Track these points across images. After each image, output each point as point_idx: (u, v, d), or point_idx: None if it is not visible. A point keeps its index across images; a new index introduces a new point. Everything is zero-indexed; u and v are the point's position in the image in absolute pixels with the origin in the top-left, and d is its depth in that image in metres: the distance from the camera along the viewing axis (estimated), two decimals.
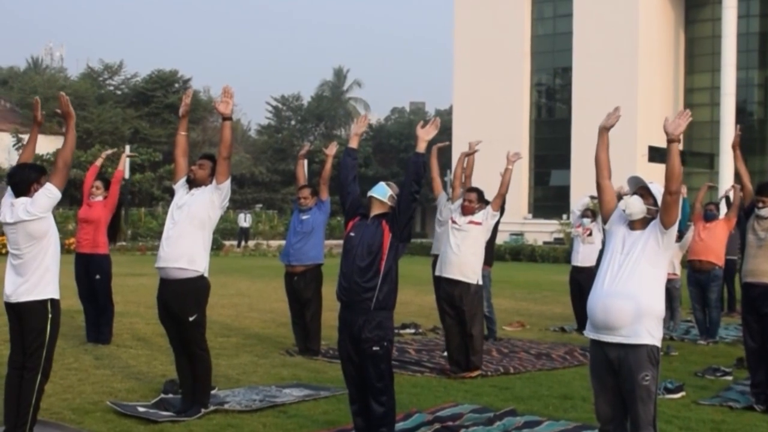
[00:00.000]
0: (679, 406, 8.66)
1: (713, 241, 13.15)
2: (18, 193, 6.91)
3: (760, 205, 8.97)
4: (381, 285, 6.56)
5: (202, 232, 7.84)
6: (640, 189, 5.91)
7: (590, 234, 13.62)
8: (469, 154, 11.08)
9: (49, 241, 6.82)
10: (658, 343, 5.73)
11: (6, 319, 7.01)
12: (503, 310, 15.41)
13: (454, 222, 10.25)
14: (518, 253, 38.26)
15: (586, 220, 13.80)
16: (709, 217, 13.33)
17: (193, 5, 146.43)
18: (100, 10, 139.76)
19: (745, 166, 9.64)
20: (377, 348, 6.56)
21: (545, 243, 42.21)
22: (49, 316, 6.78)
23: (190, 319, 7.84)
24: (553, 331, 14.21)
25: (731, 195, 13.15)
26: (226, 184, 7.84)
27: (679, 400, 8.90)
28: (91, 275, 11.66)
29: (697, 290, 13.33)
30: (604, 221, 6.08)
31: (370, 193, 6.76)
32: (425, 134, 6.73)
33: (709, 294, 13.23)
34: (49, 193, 6.76)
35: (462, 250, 10.09)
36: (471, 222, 10.15)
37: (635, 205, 5.82)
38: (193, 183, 7.96)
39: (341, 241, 6.99)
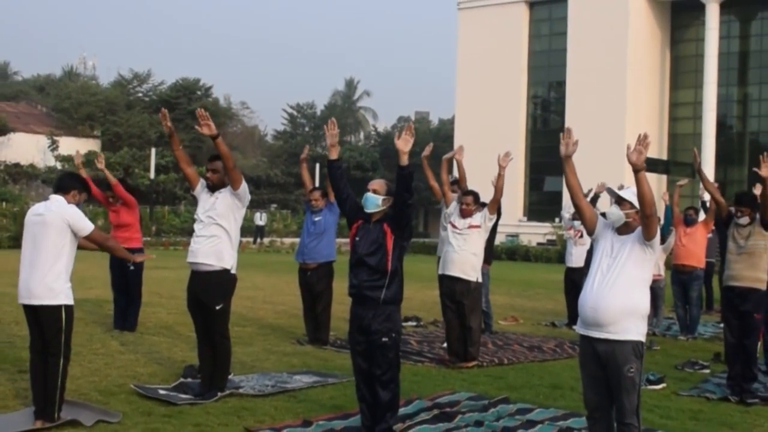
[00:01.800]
0: (660, 396, 8.66)
1: (694, 246, 13.17)
2: (57, 189, 6.99)
3: (739, 214, 8.94)
4: (389, 283, 6.55)
5: (229, 231, 7.87)
6: (616, 198, 5.92)
7: (581, 236, 13.59)
8: (450, 158, 10.84)
9: (64, 245, 6.82)
10: (642, 338, 5.74)
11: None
12: (499, 306, 15.40)
13: (454, 226, 10.21)
14: (514, 253, 38.21)
15: (577, 223, 13.77)
16: (689, 221, 13.32)
17: (215, 19, 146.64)
18: (131, 23, 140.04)
19: (711, 184, 9.75)
20: (386, 339, 6.56)
21: (539, 244, 42.14)
22: (63, 308, 6.79)
23: (217, 308, 7.88)
24: (544, 326, 14.20)
25: (707, 199, 13.17)
26: (242, 187, 7.86)
27: (660, 391, 8.90)
28: (125, 267, 11.71)
29: (679, 289, 13.35)
30: (590, 234, 6.06)
31: (365, 210, 6.70)
32: (404, 145, 6.46)
33: (690, 292, 13.26)
34: (84, 220, 6.91)
35: (464, 250, 10.07)
36: (471, 226, 10.11)
37: (614, 214, 5.85)
38: (213, 187, 7.97)
39: (348, 239, 6.94)
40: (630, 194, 5.83)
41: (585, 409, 6.00)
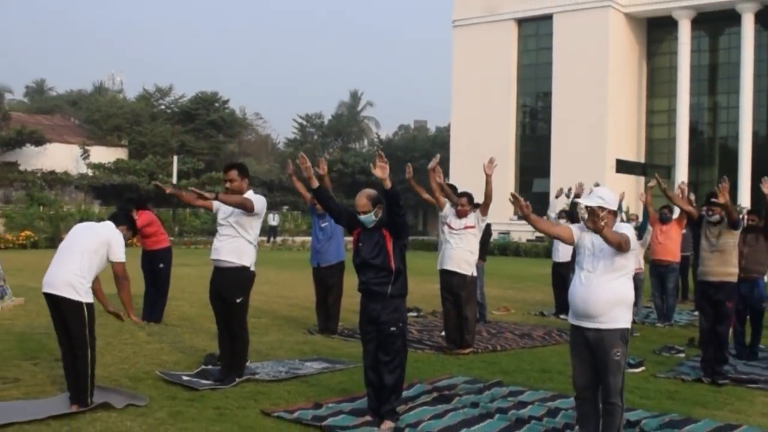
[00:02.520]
0: (640, 378, 8.65)
1: (670, 242, 13.16)
2: (112, 218, 7.21)
3: (710, 213, 8.92)
4: (394, 279, 6.57)
5: (247, 235, 7.86)
6: (587, 208, 5.90)
7: None
8: (434, 168, 10.03)
9: (96, 257, 6.86)
10: (628, 325, 5.77)
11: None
12: (492, 297, 15.35)
13: (450, 227, 10.16)
14: (505, 249, 38.13)
15: (562, 221, 13.75)
16: (664, 219, 13.30)
17: (232, 38, 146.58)
18: (155, 43, 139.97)
19: (679, 198, 9.74)
20: (394, 328, 6.59)
21: (528, 241, 42.07)
22: (85, 305, 6.78)
23: (237, 301, 7.90)
24: (534, 315, 14.18)
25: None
26: (256, 208, 7.81)
27: (640, 374, 8.89)
28: (155, 265, 11.75)
29: (657, 281, 13.34)
30: (572, 244, 6.05)
31: (366, 227, 6.62)
32: (381, 173, 6.36)
33: (667, 284, 13.25)
34: (122, 249, 6.98)
35: (460, 247, 10.06)
36: (466, 227, 10.08)
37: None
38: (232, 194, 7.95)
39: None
40: (596, 200, 5.81)
41: (574, 390, 6.00)
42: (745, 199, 43.50)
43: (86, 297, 6.79)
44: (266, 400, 7.20)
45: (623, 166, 46.18)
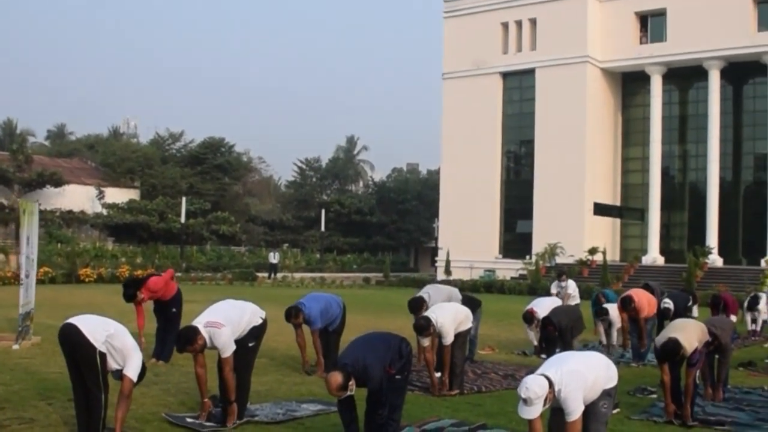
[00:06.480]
0: (615, 420, 8.55)
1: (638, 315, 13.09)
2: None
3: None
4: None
5: (241, 323, 8.09)
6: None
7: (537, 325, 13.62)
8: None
9: (116, 350, 6.88)
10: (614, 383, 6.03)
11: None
12: (478, 335, 15.29)
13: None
14: (491, 286, 38.14)
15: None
16: (625, 308, 13.10)
17: (241, 89, 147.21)
18: (167, 92, 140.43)
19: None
20: (399, 376, 6.88)
21: (512, 278, 42.10)
22: (98, 353, 6.72)
23: (250, 345, 8.06)
24: (516, 354, 14.12)
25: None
26: (229, 349, 7.83)
27: (615, 416, 8.80)
28: (167, 311, 11.76)
29: (633, 324, 13.27)
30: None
31: None
32: None
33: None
34: (135, 370, 6.89)
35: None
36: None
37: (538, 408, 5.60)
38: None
39: (349, 274, 6.95)
40: (536, 408, 5.57)
41: None
42: (712, 240, 43.66)
43: (101, 347, 6.73)
44: None
45: (600, 209, 46.41)
